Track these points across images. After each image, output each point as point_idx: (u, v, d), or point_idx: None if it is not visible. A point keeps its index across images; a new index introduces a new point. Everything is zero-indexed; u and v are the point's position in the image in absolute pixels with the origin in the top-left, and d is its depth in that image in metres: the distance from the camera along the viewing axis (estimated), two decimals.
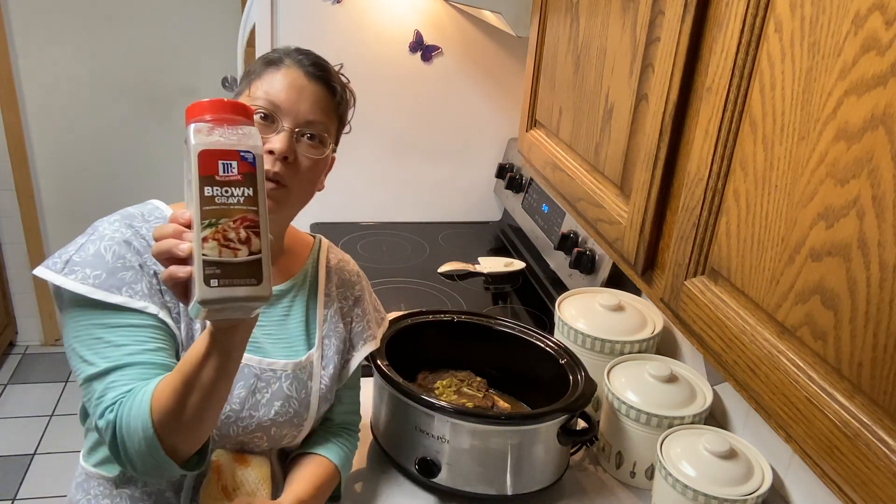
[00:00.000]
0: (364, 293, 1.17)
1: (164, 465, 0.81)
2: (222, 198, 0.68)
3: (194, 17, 2.87)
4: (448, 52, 2.07)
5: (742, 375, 0.71)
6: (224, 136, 0.70)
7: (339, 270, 1.14)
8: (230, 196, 0.69)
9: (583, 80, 1.14)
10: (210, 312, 0.69)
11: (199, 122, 0.70)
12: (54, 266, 0.88)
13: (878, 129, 0.54)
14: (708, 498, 1.00)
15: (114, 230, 0.91)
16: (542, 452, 1.12)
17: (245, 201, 0.69)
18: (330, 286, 1.10)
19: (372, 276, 1.86)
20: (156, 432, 0.79)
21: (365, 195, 2.21)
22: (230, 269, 0.68)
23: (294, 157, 0.96)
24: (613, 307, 1.32)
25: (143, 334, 0.87)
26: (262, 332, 1.00)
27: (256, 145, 0.70)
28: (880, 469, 0.54)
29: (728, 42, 0.72)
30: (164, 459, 0.80)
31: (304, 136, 0.96)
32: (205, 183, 0.68)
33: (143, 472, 0.83)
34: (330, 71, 1.01)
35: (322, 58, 1.02)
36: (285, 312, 1.04)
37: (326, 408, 1.07)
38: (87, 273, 0.87)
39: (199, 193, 0.68)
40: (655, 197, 0.90)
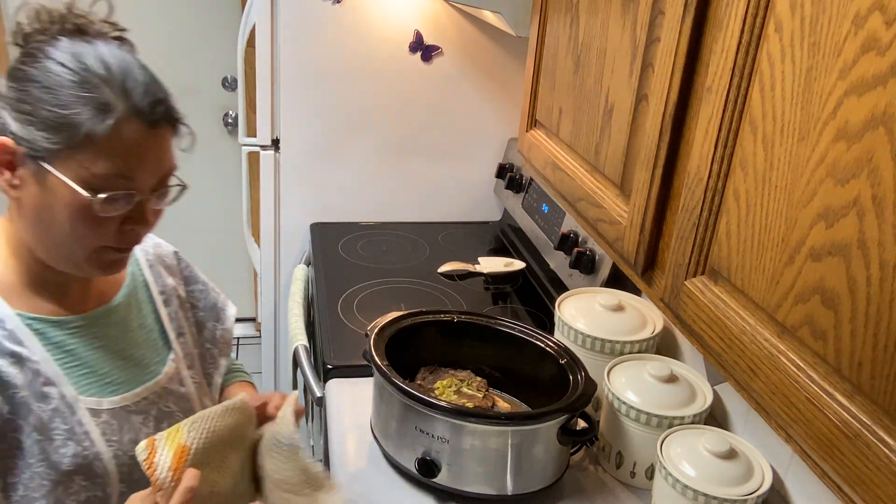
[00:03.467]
0: (191, 268, 1.11)
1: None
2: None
3: (194, 17, 2.87)
4: (448, 52, 2.07)
5: (742, 375, 0.71)
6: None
7: (159, 259, 1.06)
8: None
9: (583, 80, 1.14)
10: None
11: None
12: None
13: (878, 129, 0.54)
14: (708, 498, 1.00)
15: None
16: (542, 452, 1.12)
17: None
18: (161, 280, 1.04)
19: (372, 276, 1.87)
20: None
21: (365, 195, 2.21)
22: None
23: (149, 219, 0.86)
24: (613, 307, 1.32)
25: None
26: (112, 364, 0.91)
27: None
28: (880, 469, 0.54)
29: (728, 42, 0.72)
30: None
31: (158, 190, 0.85)
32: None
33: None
34: (168, 104, 0.84)
35: (160, 85, 0.85)
36: (125, 330, 0.95)
37: (211, 391, 1.07)
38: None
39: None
40: (655, 197, 0.90)
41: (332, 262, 1.94)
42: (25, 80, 0.79)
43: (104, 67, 0.79)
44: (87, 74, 0.78)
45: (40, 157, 0.78)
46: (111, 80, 0.79)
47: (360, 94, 2.08)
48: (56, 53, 0.79)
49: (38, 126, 0.77)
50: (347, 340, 1.55)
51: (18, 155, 0.79)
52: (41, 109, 0.77)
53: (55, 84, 0.78)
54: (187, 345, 1.04)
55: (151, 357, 0.97)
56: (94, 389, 0.88)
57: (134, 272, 1.01)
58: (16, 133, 0.79)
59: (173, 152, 0.86)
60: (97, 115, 0.77)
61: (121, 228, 0.83)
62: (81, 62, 0.79)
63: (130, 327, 0.96)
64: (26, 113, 0.78)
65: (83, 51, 0.80)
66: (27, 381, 0.82)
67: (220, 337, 1.12)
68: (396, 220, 2.25)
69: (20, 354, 0.82)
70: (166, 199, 0.87)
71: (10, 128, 0.79)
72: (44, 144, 0.78)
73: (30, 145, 0.78)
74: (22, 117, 0.78)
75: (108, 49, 0.82)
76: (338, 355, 1.50)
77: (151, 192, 0.84)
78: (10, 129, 0.79)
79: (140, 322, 0.98)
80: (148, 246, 1.06)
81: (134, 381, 0.93)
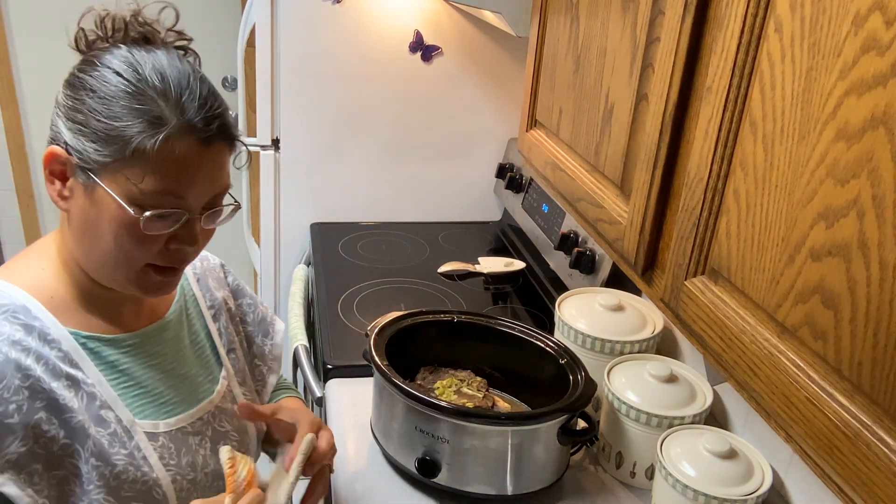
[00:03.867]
0: (238, 280, 1.09)
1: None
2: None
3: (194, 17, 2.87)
4: (448, 52, 2.07)
5: (742, 375, 0.71)
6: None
7: (206, 272, 1.03)
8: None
9: (583, 80, 1.14)
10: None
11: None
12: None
13: (878, 129, 0.54)
14: (708, 498, 1.00)
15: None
16: (542, 452, 1.12)
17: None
18: (209, 293, 1.01)
19: (372, 276, 1.87)
20: None
21: (365, 195, 2.21)
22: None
23: (198, 239, 0.82)
24: (613, 307, 1.32)
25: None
26: (167, 384, 0.89)
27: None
28: (880, 469, 0.54)
29: (728, 42, 0.72)
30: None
31: (209, 209, 0.82)
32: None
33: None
34: (226, 117, 0.81)
35: (218, 100, 0.80)
36: (178, 347, 0.93)
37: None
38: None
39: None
40: (655, 197, 0.90)
41: (332, 262, 1.94)
42: (81, 89, 0.77)
43: (160, 79, 0.76)
44: (142, 85, 0.75)
45: (90, 168, 0.76)
46: (167, 92, 0.76)
47: (360, 93, 2.08)
48: (114, 62, 0.77)
49: (90, 137, 0.75)
50: (347, 340, 1.55)
51: (70, 165, 0.77)
52: (93, 120, 0.75)
53: (109, 94, 0.75)
54: (238, 360, 1.01)
55: (204, 375, 0.94)
56: (149, 411, 0.85)
57: (183, 286, 0.98)
58: (68, 143, 0.76)
59: (227, 170, 0.82)
60: (149, 129, 0.74)
61: (167, 247, 0.80)
62: (138, 72, 0.76)
63: (182, 344, 0.93)
64: (79, 123, 0.76)
65: (141, 60, 0.77)
66: (84, 404, 0.79)
67: (269, 353, 1.09)
68: (396, 220, 2.25)
69: (76, 377, 0.79)
70: (218, 219, 0.83)
71: (63, 137, 0.77)
72: (94, 156, 0.75)
73: (81, 156, 0.76)
74: (75, 127, 0.76)
75: (167, 59, 0.79)
76: (338, 355, 1.50)
77: (202, 212, 0.80)
78: (64, 139, 0.77)
79: (192, 338, 0.95)
80: (195, 259, 0.99)
81: (189, 401, 0.90)
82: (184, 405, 0.89)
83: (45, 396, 0.76)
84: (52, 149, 0.77)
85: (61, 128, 0.77)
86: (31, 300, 0.80)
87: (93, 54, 0.79)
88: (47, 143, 0.79)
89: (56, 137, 0.78)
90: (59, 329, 0.80)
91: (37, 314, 0.79)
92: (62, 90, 0.79)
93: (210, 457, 0.91)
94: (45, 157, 0.77)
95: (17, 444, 0.73)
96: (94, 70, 0.77)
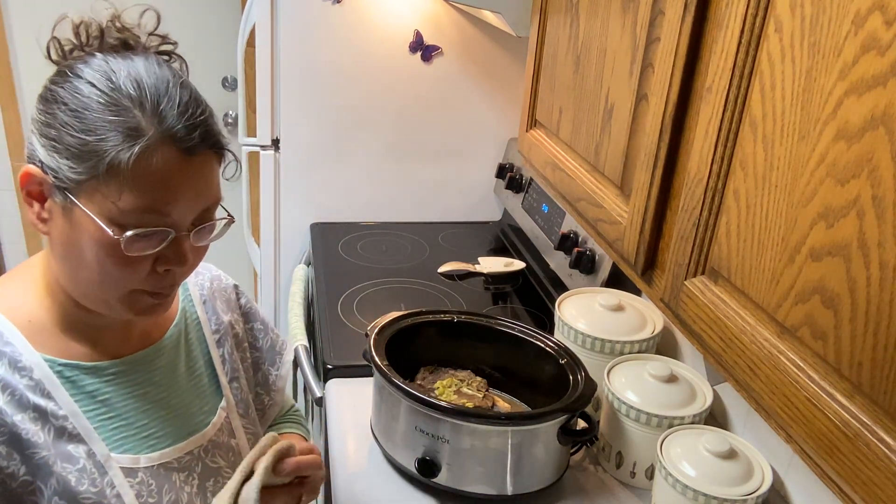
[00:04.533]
0: (251, 303, 1.03)
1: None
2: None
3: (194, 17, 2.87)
4: (448, 52, 2.07)
5: (742, 375, 0.71)
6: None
7: (215, 293, 0.96)
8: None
9: (583, 80, 1.14)
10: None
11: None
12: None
13: (878, 129, 0.54)
14: (708, 498, 0.99)
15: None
16: (542, 452, 1.12)
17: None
18: (216, 317, 0.94)
19: (372, 276, 1.87)
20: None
21: (365, 195, 2.21)
22: None
23: (188, 258, 0.75)
24: (613, 307, 1.32)
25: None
26: (153, 415, 0.82)
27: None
28: (880, 469, 0.54)
29: (728, 42, 0.72)
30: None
31: (199, 225, 0.75)
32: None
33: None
34: (211, 124, 0.74)
35: (202, 107, 0.74)
36: (171, 375, 0.86)
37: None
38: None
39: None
40: (655, 197, 0.90)
41: (332, 262, 1.94)
42: (53, 102, 0.71)
43: (136, 86, 0.70)
44: (116, 95, 0.70)
45: (66, 188, 0.70)
46: (143, 100, 0.70)
47: (360, 94, 2.08)
48: (87, 72, 0.71)
49: (63, 153, 0.69)
50: (347, 340, 1.55)
51: (46, 185, 0.71)
52: (66, 135, 0.69)
53: (82, 106, 0.69)
54: (241, 390, 0.94)
55: (199, 405, 0.88)
56: (129, 445, 0.79)
57: (186, 309, 0.91)
58: (43, 161, 0.71)
59: (217, 182, 0.76)
60: (125, 142, 0.68)
61: (154, 269, 0.74)
62: (111, 81, 0.70)
63: (177, 372, 0.86)
64: (52, 139, 0.70)
65: (116, 68, 0.71)
66: (50, 439, 0.73)
67: (273, 383, 1.02)
68: (396, 220, 2.25)
69: (44, 409, 0.74)
70: (210, 235, 0.77)
71: (38, 155, 0.71)
72: (69, 174, 0.69)
73: (56, 175, 0.70)
74: (48, 143, 0.70)
75: (144, 65, 0.72)
76: (338, 355, 1.50)
77: (190, 228, 0.74)
78: (38, 157, 0.71)
79: (189, 365, 0.89)
80: (204, 280, 0.96)
81: (177, 434, 0.84)
82: (170, 438, 0.83)
83: (5, 430, 0.71)
84: (28, 168, 0.71)
85: (36, 145, 0.71)
86: (6, 324, 0.74)
87: (66, 65, 0.73)
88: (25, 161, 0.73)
89: (31, 156, 0.72)
90: (33, 355, 0.74)
91: (9, 339, 0.74)
92: (36, 104, 0.73)
93: (197, 495, 0.83)
94: (21, 178, 0.71)
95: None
96: (67, 81, 0.71)
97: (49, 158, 0.70)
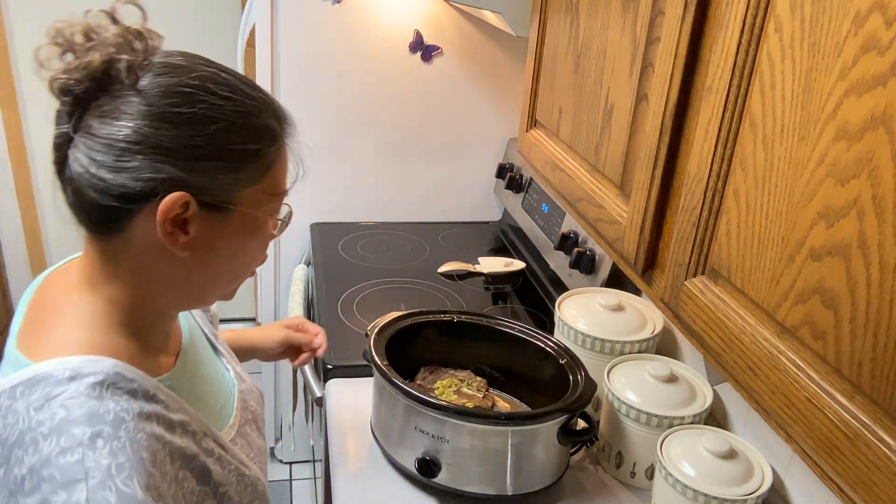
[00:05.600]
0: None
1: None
2: None
3: (194, 17, 2.87)
4: (448, 52, 2.07)
5: (742, 375, 0.71)
6: None
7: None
8: None
9: (583, 80, 1.14)
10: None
11: None
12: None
13: (878, 129, 0.54)
14: (708, 498, 1.00)
15: (112, 452, 0.62)
16: (542, 452, 1.12)
17: None
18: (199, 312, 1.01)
19: (372, 276, 1.87)
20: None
21: (365, 195, 2.21)
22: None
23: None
24: (613, 307, 1.32)
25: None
26: (212, 390, 0.88)
27: None
28: (880, 469, 0.54)
29: (728, 42, 0.72)
30: None
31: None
32: None
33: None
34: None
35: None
36: (201, 358, 0.91)
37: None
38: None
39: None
40: (655, 197, 0.90)
41: (332, 262, 1.94)
42: (195, 123, 0.69)
43: (252, 90, 0.74)
44: (248, 102, 0.72)
45: (224, 201, 0.71)
46: (263, 102, 0.74)
47: (360, 94, 2.08)
48: (208, 85, 0.70)
49: (222, 169, 0.70)
50: (347, 340, 1.55)
51: (193, 207, 0.69)
52: (222, 149, 0.70)
53: (228, 119, 0.70)
54: (223, 344, 1.01)
55: (221, 371, 0.94)
56: (218, 424, 0.84)
57: (188, 315, 0.96)
58: (187, 182, 0.68)
59: None
60: (271, 143, 0.74)
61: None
62: (235, 91, 0.72)
63: (200, 352, 0.91)
64: (200, 158, 0.69)
65: (218, 76, 0.72)
66: (194, 444, 0.74)
67: (211, 321, 1.07)
68: (396, 220, 2.25)
69: (182, 422, 0.74)
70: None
71: (182, 178, 0.68)
72: (227, 183, 0.71)
73: (210, 193, 0.70)
74: (194, 165, 0.69)
75: (226, 72, 0.74)
76: (338, 355, 1.50)
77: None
78: (183, 180, 0.68)
79: (202, 344, 0.94)
80: None
81: (228, 398, 0.90)
82: (228, 406, 0.89)
83: (177, 454, 0.71)
84: (172, 196, 0.68)
85: (169, 170, 0.68)
86: (116, 362, 0.69)
87: (176, 83, 0.69)
88: (144, 195, 0.68)
89: (164, 183, 0.68)
90: (150, 381, 0.72)
91: (130, 375, 0.70)
92: (152, 130, 0.67)
93: (258, 436, 0.94)
94: (163, 209, 0.68)
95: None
96: (197, 98, 0.69)
97: (197, 178, 0.69)
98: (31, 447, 0.61)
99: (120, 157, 0.67)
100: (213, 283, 0.78)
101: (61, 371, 0.65)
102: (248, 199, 0.73)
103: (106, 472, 0.60)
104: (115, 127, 0.67)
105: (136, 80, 0.69)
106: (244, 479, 0.82)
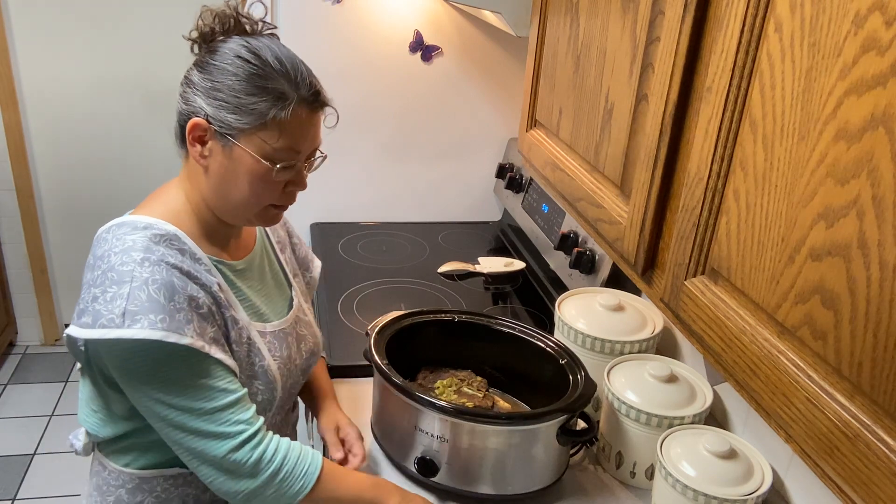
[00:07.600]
0: (289, 223, 1.33)
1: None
2: None
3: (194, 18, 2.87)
4: (448, 52, 2.07)
5: (742, 375, 0.71)
6: None
7: None
8: None
9: (583, 80, 1.14)
10: None
11: None
12: (110, 322, 0.90)
13: (878, 129, 0.54)
14: (708, 498, 1.00)
15: (152, 272, 0.93)
16: (542, 452, 1.12)
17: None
18: (276, 232, 1.24)
19: (372, 276, 1.87)
20: (304, 498, 0.99)
21: (365, 195, 2.21)
22: None
23: (306, 183, 1.06)
24: (613, 307, 1.32)
25: (221, 369, 0.98)
26: (262, 300, 1.12)
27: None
28: (880, 469, 0.54)
29: (728, 42, 0.72)
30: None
31: (310, 159, 1.05)
32: None
33: (245, 500, 0.99)
34: (322, 92, 1.02)
35: (313, 75, 1.02)
36: (263, 273, 1.15)
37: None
38: (152, 319, 0.91)
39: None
40: (655, 197, 0.90)
41: (332, 262, 1.94)
42: (218, 73, 0.96)
43: (278, 62, 0.97)
44: (267, 69, 0.96)
45: (230, 134, 0.96)
46: (286, 73, 0.96)
47: (360, 94, 2.08)
48: (240, 50, 0.97)
49: (229, 109, 0.95)
50: (347, 340, 1.55)
51: (210, 132, 0.97)
52: (232, 97, 0.95)
53: (243, 75, 0.95)
54: (301, 283, 1.26)
55: (282, 294, 1.18)
56: (255, 318, 1.08)
57: (260, 230, 1.20)
58: (209, 114, 0.96)
59: (321, 129, 1.04)
60: (277, 103, 0.95)
61: (284, 190, 1.02)
62: (260, 58, 0.96)
63: (264, 271, 1.16)
64: (220, 100, 0.95)
65: (258, 47, 0.97)
66: (227, 303, 1.02)
67: (308, 283, 1.32)
68: (396, 220, 2.25)
69: (220, 284, 1.02)
70: (315, 166, 1.06)
71: (204, 110, 0.96)
72: (234, 124, 0.95)
73: (220, 124, 0.96)
74: (215, 103, 0.96)
75: (277, 46, 0.99)
76: (338, 355, 1.50)
77: (306, 161, 1.03)
78: (205, 112, 0.96)
79: (269, 265, 1.18)
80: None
81: (278, 313, 1.14)
82: (276, 316, 1.13)
83: (211, 294, 0.99)
84: (196, 120, 0.96)
85: (200, 103, 0.97)
86: (178, 230, 1.00)
87: (217, 43, 0.99)
88: (181, 115, 0.99)
89: (195, 111, 0.97)
90: (200, 252, 1.01)
91: (184, 240, 0.99)
92: (197, 73, 0.98)
93: (297, 351, 1.15)
94: (190, 127, 0.97)
95: (213, 329, 0.97)
96: (225, 57, 0.97)
97: (216, 113, 0.96)
98: (106, 258, 0.94)
99: (184, 91, 1.00)
100: (229, 201, 1.01)
101: (141, 222, 0.98)
102: (251, 141, 0.96)
103: (144, 281, 0.92)
104: (189, 70, 1.00)
105: (209, 42, 1.00)
106: (255, 356, 1.05)
